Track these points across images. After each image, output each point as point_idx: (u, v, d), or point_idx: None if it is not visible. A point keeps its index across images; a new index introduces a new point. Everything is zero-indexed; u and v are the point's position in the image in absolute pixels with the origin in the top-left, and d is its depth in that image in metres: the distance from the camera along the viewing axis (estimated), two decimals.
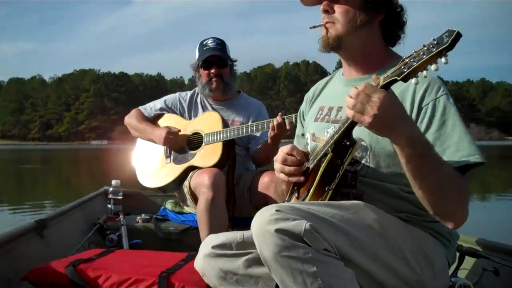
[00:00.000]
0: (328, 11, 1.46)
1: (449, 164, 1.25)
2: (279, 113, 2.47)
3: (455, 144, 1.29)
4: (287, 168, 1.43)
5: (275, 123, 2.43)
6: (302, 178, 1.42)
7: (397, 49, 1.55)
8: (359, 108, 1.19)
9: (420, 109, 1.34)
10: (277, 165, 1.47)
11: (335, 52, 1.51)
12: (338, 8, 1.45)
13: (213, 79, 2.79)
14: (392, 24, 1.49)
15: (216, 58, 2.78)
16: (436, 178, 1.21)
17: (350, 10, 1.43)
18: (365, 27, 1.44)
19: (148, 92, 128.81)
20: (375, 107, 1.16)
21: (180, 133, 2.82)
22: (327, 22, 1.46)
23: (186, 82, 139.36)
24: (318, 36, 1.50)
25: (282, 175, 1.46)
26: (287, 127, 2.41)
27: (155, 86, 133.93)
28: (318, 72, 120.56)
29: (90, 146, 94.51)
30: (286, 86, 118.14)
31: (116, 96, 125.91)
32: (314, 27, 1.49)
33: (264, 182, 2.53)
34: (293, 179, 1.44)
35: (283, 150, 1.47)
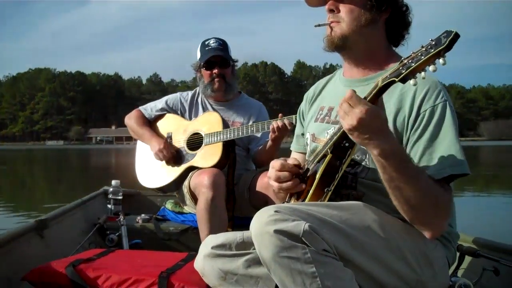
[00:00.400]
0: (334, 10, 1.46)
1: (428, 176, 1.27)
2: (280, 114, 2.48)
3: (443, 153, 1.30)
4: (284, 185, 1.43)
5: (275, 125, 2.43)
6: (303, 186, 1.42)
7: (399, 49, 1.55)
8: (341, 115, 1.22)
9: (418, 114, 1.34)
10: (273, 183, 1.46)
11: (339, 51, 1.50)
12: (343, 7, 1.45)
13: (216, 79, 2.78)
14: (397, 24, 1.49)
15: (218, 58, 2.77)
16: (411, 190, 1.22)
17: (355, 9, 1.44)
18: (370, 26, 1.45)
19: (105, 91, 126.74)
20: (354, 118, 1.18)
21: (180, 134, 2.83)
22: (332, 21, 1.46)
23: (144, 82, 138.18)
24: (323, 35, 1.50)
25: (281, 193, 1.48)
26: (288, 128, 2.42)
27: (113, 86, 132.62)
28: (276, 73, 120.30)
29: (45, 147, 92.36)
30: (245, 87, 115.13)
31: (72, 95, 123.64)
32: (319, 25, 1.49)
33: (264, 182, 2.53)
34: (294, 190, 1.44)
35: (274, 167, 1.46)
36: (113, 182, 3.08)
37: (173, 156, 2.78)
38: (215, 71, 2.78)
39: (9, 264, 1.92)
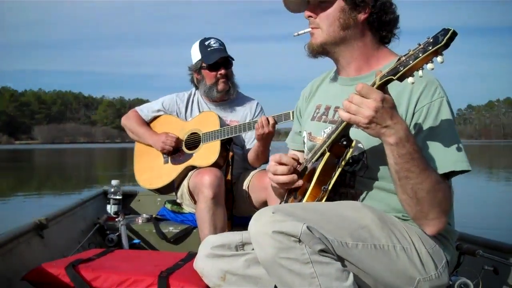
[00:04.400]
0: (312, 17, 1.47)
1: (434, 170, 1.26)
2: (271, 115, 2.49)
3: (443, 149, 1.29)
4: (280, 178, 1.43)
5: (258, 121, 2.44)
6: (300, 182, 1.42)
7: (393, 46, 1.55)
8: (354, 110, 1.20)
9: (414, 112, 1.34)
10: (269, 175, 1.47)
11: (323, 56, 1.50)
12: (319, 14, 1.45)
13: (220, 80, 2.77)
14: (380, 21, 1.47)
15: (223, 59, 2.77)
16: (420, 181, 1.22)
17: (330, 14, 1.44)
18: (349, 29, 1.44)
19: None
20: (371, 108, 1.17)
21: (177, 135, 2.83)
22: (312, 28, 1.47)
23: None
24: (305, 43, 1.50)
25: (279, 188, 1.47)
26: (269, 123, 2.43)
27: None
28: None
29: None
30: None
31: None
32: (299, 34, 1.50)
33: (263, 182, 2.53)
34: (289, 186, 1.44)
35: (272, 160, 1.47)
36: (113, 182, 3.08)
37: (177, 144, 2.78)
38: (221, 72, 2.76)
39: (9, 264, 1.91)
